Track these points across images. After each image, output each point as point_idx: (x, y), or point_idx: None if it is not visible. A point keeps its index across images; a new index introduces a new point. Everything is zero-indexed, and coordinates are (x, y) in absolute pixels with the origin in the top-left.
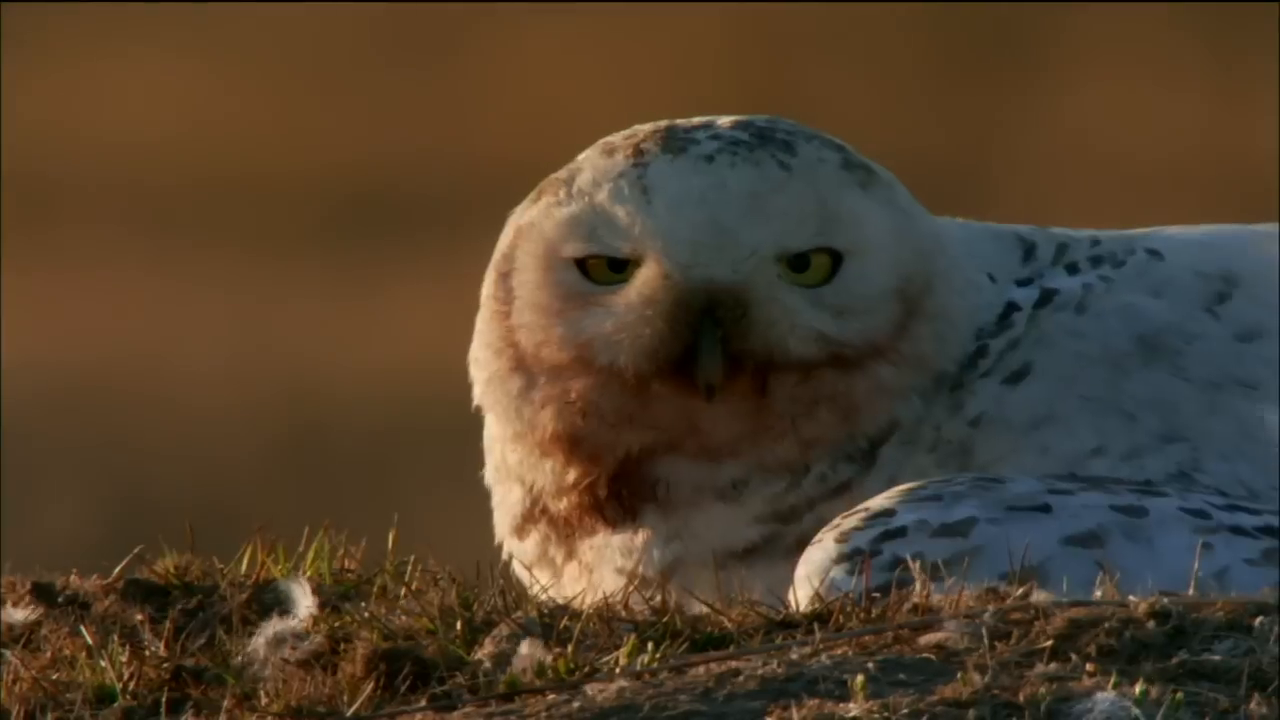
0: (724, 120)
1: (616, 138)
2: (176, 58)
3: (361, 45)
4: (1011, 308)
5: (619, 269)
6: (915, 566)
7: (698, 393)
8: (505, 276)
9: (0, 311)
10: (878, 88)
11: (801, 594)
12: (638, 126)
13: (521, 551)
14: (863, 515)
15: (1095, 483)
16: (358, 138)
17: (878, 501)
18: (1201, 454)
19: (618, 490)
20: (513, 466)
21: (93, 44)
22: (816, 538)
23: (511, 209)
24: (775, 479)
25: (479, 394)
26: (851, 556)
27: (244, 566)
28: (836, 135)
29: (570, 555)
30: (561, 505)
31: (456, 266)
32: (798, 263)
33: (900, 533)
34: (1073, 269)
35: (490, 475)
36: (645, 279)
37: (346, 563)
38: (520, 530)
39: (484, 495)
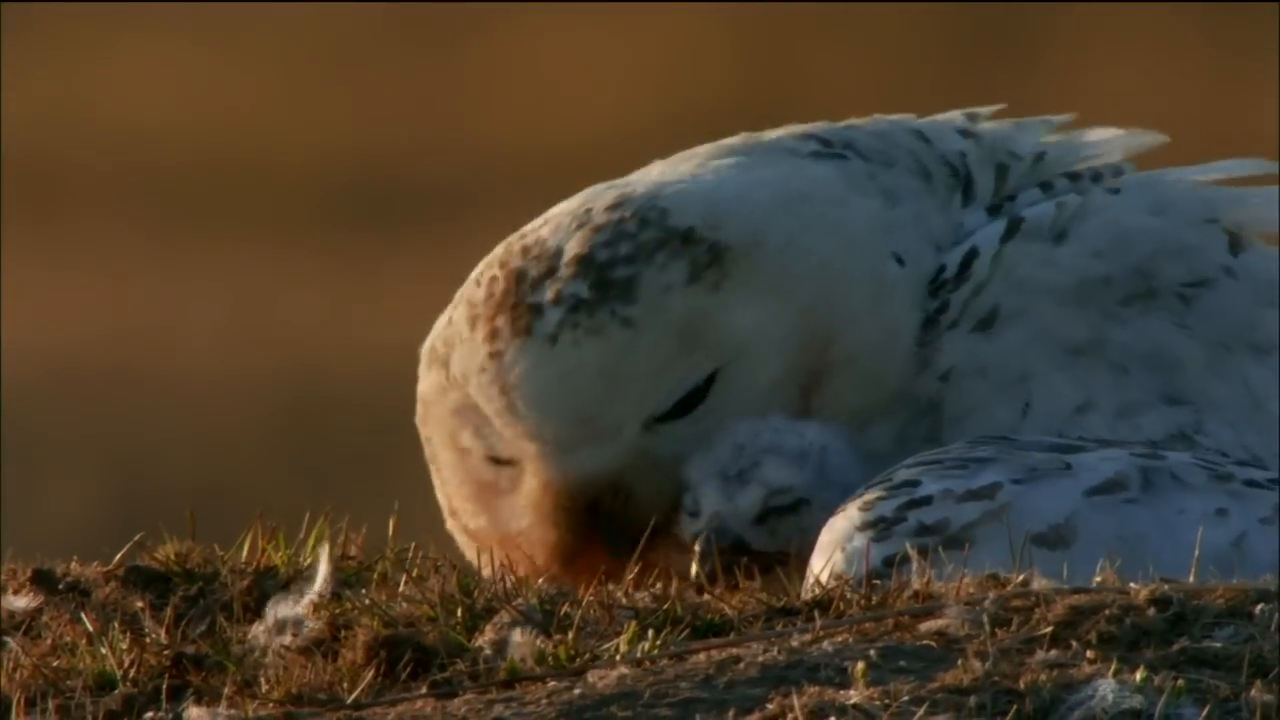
0: (569, 254)
1: (480, 290)
2: (179, 43)
3: (366, 32)
4: (970, 256)
5: (507, 470)
6: (915, 553)
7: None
8: (429, 441)
9: (0, 294)
10: (880, 78)
11: (822, 562)
12: (496, 263)
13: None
14: (886, 485)
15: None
16: (360, 124)
17: (901, 472)
18: (1204, 416)
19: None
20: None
21: (94, 28)
22: (840, 507)
23: (514, 196)
24: None
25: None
26: (875, 524)
27: (245, 553)
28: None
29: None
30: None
31: (458, 253)
32: (669, 414)
33: (925, 501)
34: (1047, 187)
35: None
36: (529, 484)
37: (347, 549)
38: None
39: None
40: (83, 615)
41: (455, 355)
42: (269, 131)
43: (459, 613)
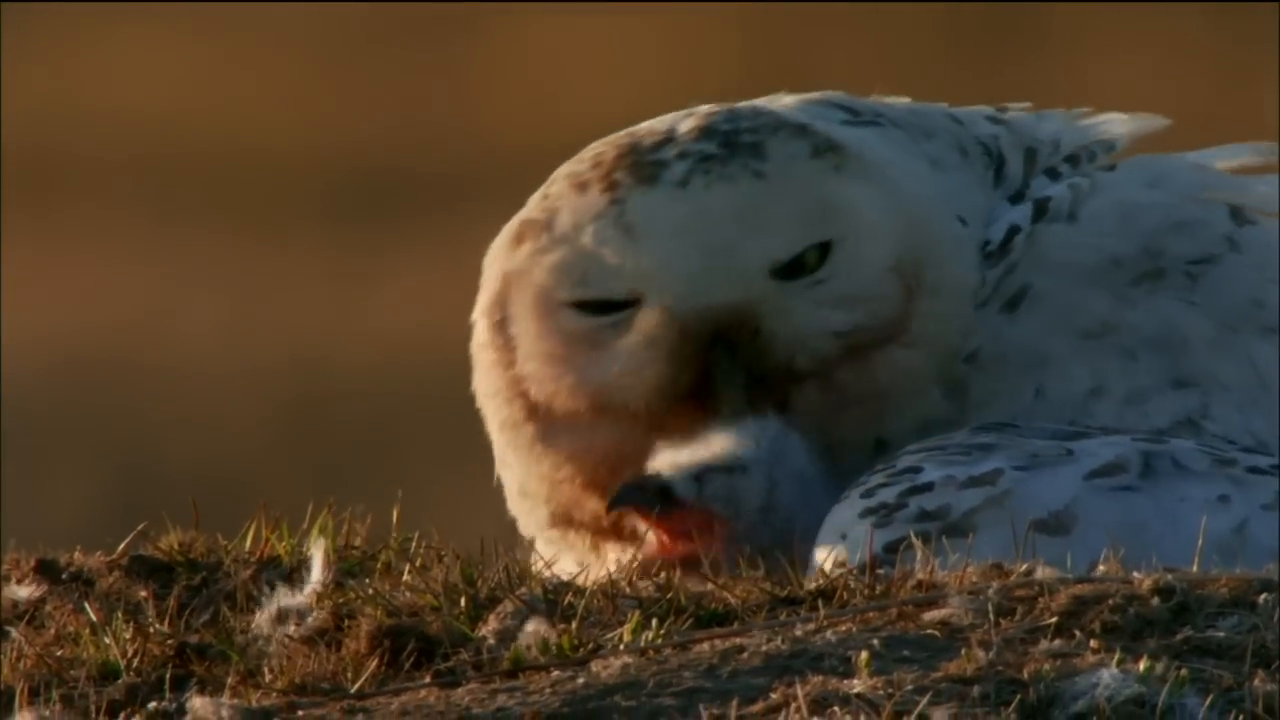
0: (685, 128)
1: (583, 166)
2: (179, 33)
3: (367, 23)
4: (1012, 232)
5: (617, 310)
6: (918, 542)
7: (723, 419)
8: (500, 325)
9: (0, 285)
10: (885, 73)
11: (825, 550)
12: (597, 147)
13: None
14: (889, 471)
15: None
16: (362, 114)
17: (904, 458)
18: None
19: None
20: (546, 498)
21: (95, 19)
22: (843, 494)
23: (514, 188)
24: None
25: (492, 430)
26: (877, 511)
27: (248, 543)
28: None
29: (595, 549)
30: (595, 522)
31: (458, 245)
32: (792, 267)
33: (927, 488)
34: (1053, 174)
35: (512, 499)
36: (645, 318)
37: (351, 539)
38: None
39: (487, 470)
40: (86, 605)
41: (561, 214)
42: (269, 122)
43: (462, 602)
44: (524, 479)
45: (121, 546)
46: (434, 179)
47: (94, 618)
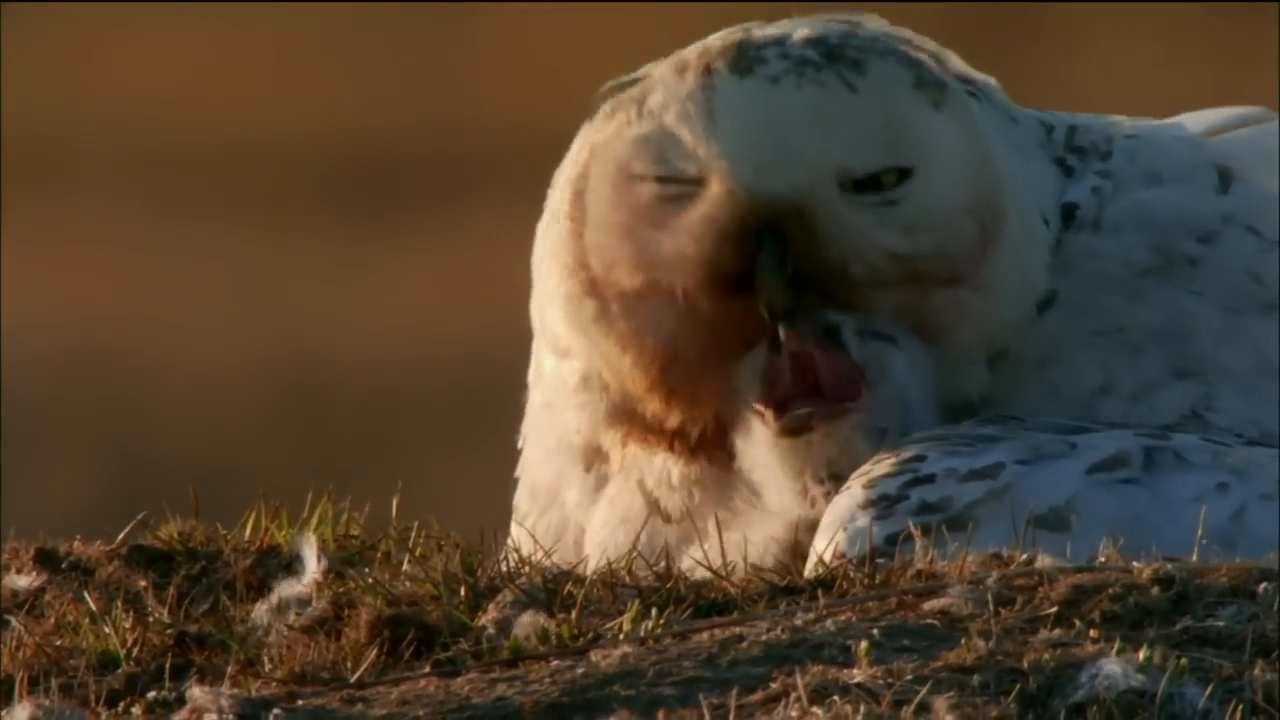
0: (799, 34)
1: (691, 52)
2: (180, 22)
3: (367, 11)
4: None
5: (683, 190)
6: (918, 532)
7: (764, 314)
8: (580, 195)
9: (0, 275)
10: None
11: (825, 542)
12: (712, 38)
13: (579, 447)
14: (892, 462)
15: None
16: (362, 103)
17: (909, 448)
18: (1215, 389)
19: (707, 435)
20: (609, 388)
21: (96, 8)
22: (845, 485)
23: (516, 176)
24: None
25: (557, 320)
26: (878, 503)
27: (248, 532)
28: None
29: (634, 462)
30: (656, 425)
31: (460, 234)
32: (864, 184)
33: (929, 479)
34: (1065, 168)
35: (572, 378)
36: (708, 198)
37: (350, 528)
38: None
39: (487, 460)
40: (86, 594)
41: (655, 94)
42: (271, 111)
43: (462, 591)
44: (589, 363)
45: (121, 536)
46: (436, 169)
47: (93, 607)
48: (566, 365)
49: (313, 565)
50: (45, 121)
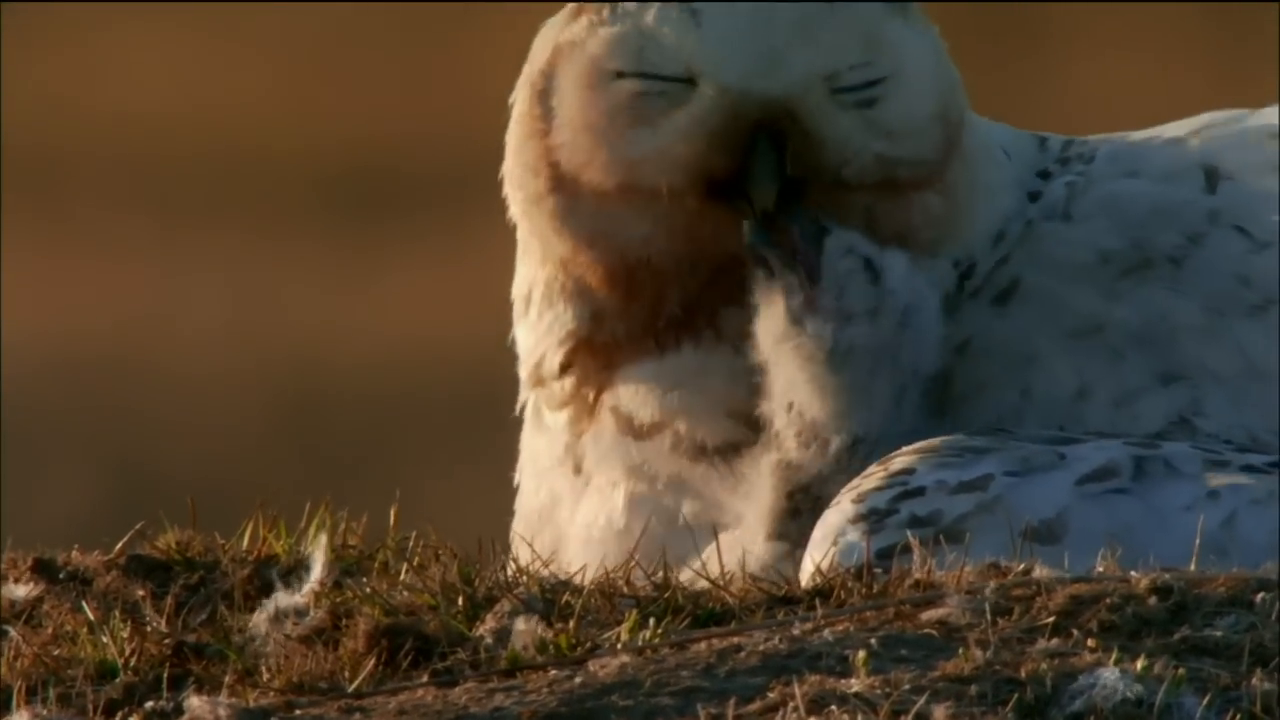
0: None
1: None
2: (178, 33)
3: (364, 22)
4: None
5: (666, 90)
6: (916, 541)
7: (750, 218)
8: (542, 95)
9: (0, 285)
10: None
11: (816, 557)
12: None
13: (550, 396)
14: (882, 475)
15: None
16: (361, 114)
17: (898, 460)
18: (1202, 393)
19: (675, 323)
20: (567, 289)
21: (94, 18)
22: (835, 500)
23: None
24: None
25: (516, 214)
26: (868, 517)
27: (245, 542)
28: None
29: (603, 390)
30: (617, 330)
31: (458, 243)
32: (848, 89)
33: (919, 492)
34: (1045, 174)
35: (532, 308)
36: (697, 99)
37: (348, 538)
38: (559, 367)
39: (485, 470)
40: (84, 604)
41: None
42: (268, 121)
43: (460, 601)
44: (537, 271)
45: (119, 545)
46: (434, 180)
47: (91, 617)
48: (521, 270)
49: (319, 570)
50: (44, 132)
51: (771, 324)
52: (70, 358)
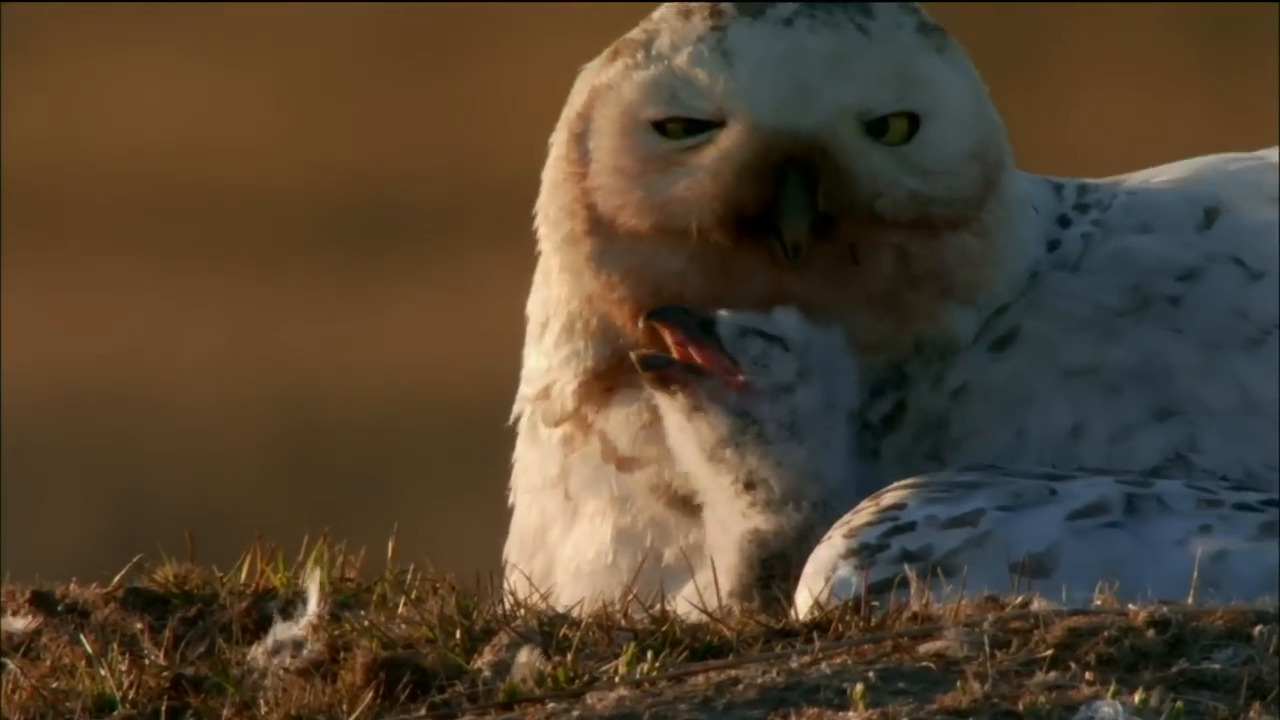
0: None
1: None
2: (177, 68)
3: (364, 56)
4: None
5: (699, 131)
6: (914, 574)
7: (781, 256)
8: (580, 138)
9: (0, 318)
10: None
11: (809, 593)
12: None
13: (548, 412)
14: (873, 510)
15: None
16: (358, 148)
17: (889, 495)
18: (1198, 429)
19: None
20: (591, 326)
21: (93, 55)
22: (826, 535)
23: (511, 220)
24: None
25: (548, 250)
26: (859, 552)
27: (243, 575)
28: None
29: (599, 410)
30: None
31: (456, 278)
32: (877, 126)
33: (909, 527)
34: (1064, 221)
35: (549, 335)
36: (727, 136)
37: (346, 571)
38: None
39: (483, 502)
40: (82, 637)
41: (662, 36)
42: (267, 156)
43: (458, 634)
44: (560, 300)
45: (117, 579)
46: (433, 213)
47: (90, 650)
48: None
49: (315, 604)
50: (43, 167)
51: (708, 428)
52: (69, 391)
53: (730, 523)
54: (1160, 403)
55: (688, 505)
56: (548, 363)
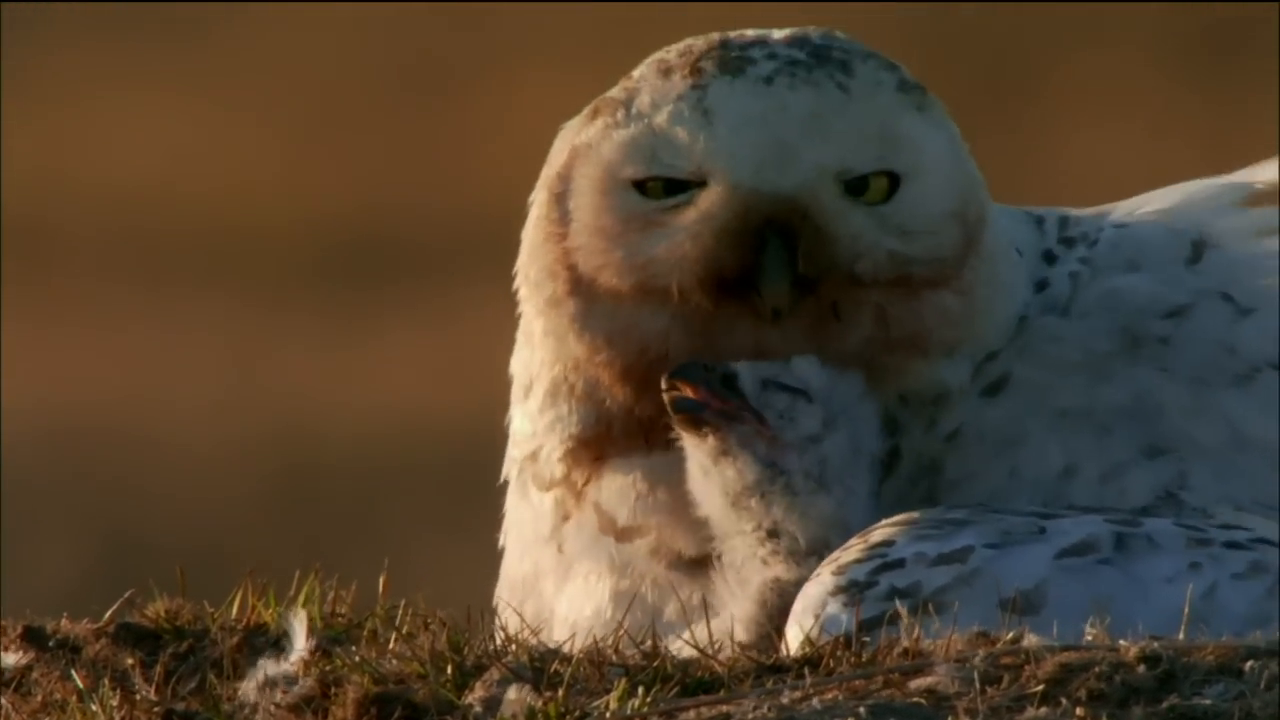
0: (779, 34)
1: (671, 54)
2: (172, 104)
3: (355, 94)
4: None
5: (678, 191)
6: (904, 610)
7: (761, 317)
8: (560, 197)
9: None
10: None
11: (798, 631)
12: (691, 40)
13: (538, 476)
14: (862, 547)
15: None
16: (351, 185)
17: (878, 532)
18: (1188, 466)
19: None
20: (576, 390)
21: (87, 92)
22: (815, 572)
23: (505, 257)
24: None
25: (530, 313)
26: (848, 589)
27: (235, 610)
28: None
29: (590, 480)
30: (615, 426)
31: (448, 313)
32: (857, 185)
33: (898, 564)
34: (1049, 257)
35: (533, 399)
36: (706, 197)
37: (337, 606)
38: (557, 463)
39: (474, 539)
40: (73, 672)
41: (642, 94)
42: (261, 192)
43: (449, 670)
44: (543, 364)
45: (108, 614)
46: (423, 250)
47: (81, 685)
48: (536, 387)
49: (301, 642)
50: (39, 204)
51: (734, 474)
52: (62, 427)
53: (749, 572)
54: (1150, 441)
55: (691, 566)
56: (532, 427)
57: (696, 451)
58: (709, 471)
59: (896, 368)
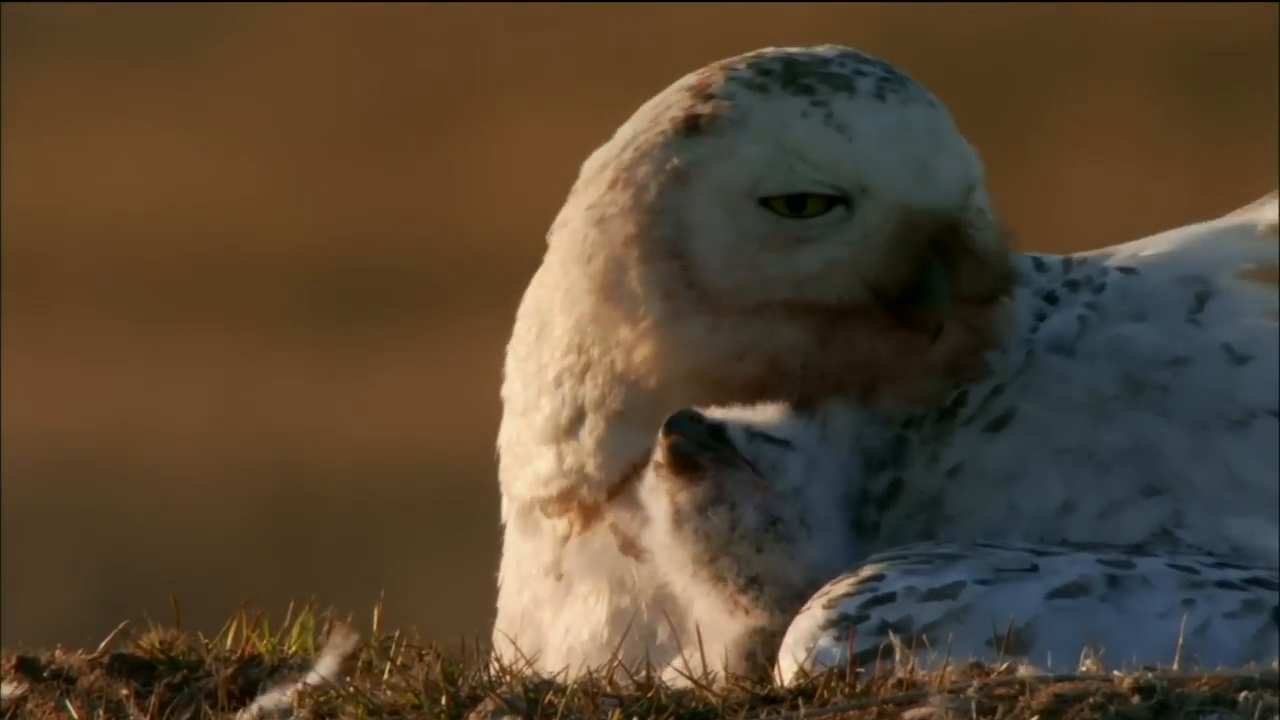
0: (834, 53)
1: (744, 70)
2: (165, 136)
3: (349, 124)
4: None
5: (823, 207)
6: (898, 641)
7: (923, 332)
8: (662, 217)
9: None
10: None
11: (789, 663)
12: (751, 58)
13: (550, 503)
14: (852, 581)
15: (1085, 547)
16: (344, 215)
17: (869, 566)
18: (1185, 506)
19: None
20: (643, 416)
21: (83, 123)
22: (806, 605)
23: (498, 289)
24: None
25: (599, 345)
26: (839, 623)
27: (229, 641)
28: None
29: (612, 497)
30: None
31: (441, 343)
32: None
33: (889, 598)
34: (1051, 299)
35: (585, 429)
36: (865, 213)
37: (331, 638)
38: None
39: (468, 570)
40: (68, 703)
41: (754, 115)
42: (255, 223)
43: (443, 700)
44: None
45: (103, 645)
46: (417, 280)
47: (76, 716)
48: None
49: (327, 668)
50: (33, 233)
51: (723, 523)
52: (57, 457)
53: (719, 627)
54: (1147, 480)
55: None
56: (580, 457)
57: (672, 505)
58: (689, 519)
59: (965, 365)
